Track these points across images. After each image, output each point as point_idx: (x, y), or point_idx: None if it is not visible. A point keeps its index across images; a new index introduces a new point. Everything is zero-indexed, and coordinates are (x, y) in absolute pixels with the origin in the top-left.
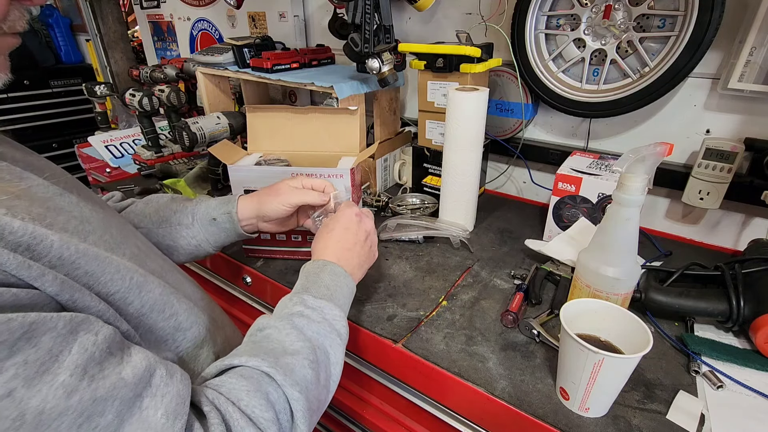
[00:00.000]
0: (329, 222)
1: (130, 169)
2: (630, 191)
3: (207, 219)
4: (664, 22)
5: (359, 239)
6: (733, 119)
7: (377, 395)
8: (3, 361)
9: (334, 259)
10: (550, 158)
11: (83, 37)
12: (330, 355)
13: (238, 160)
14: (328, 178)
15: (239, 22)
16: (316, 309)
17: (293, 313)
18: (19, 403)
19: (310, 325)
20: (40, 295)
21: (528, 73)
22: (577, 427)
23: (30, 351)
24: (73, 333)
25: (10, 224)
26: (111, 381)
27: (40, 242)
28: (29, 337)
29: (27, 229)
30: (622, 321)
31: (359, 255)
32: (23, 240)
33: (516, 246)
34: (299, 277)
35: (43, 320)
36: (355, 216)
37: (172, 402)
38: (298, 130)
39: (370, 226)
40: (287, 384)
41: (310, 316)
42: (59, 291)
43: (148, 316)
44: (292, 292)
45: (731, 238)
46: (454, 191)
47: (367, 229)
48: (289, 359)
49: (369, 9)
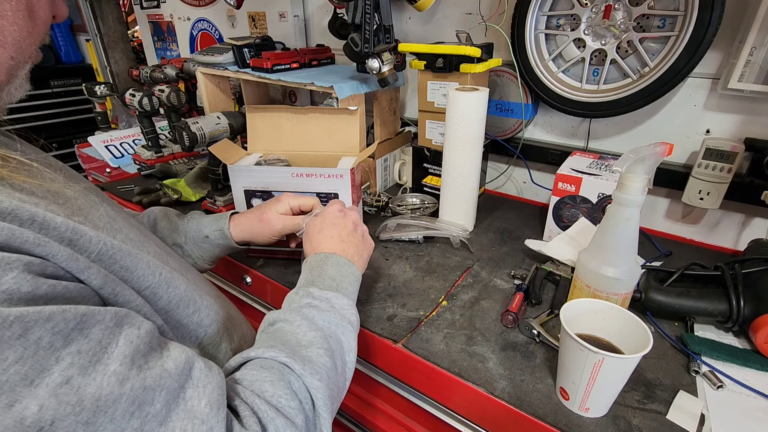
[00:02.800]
0: (315, 222)
1: (130, 169)
2: (630, 191)
3: (200, 237)
4: (664, 22)
5: (348, 230)
6: (733, 119)
7: (377, 395)
8: (59, 350)
9: (332, 251)
10: (550, 158)
11: (83, 37)
12: (343, 343)
13: (239, 159)
14: (328, 178)
15: (239, 22)
16: (324, 300)
17: (302, 305)
18: (78, 389)
19: (320, 315)
20: (86, 289)
21: (528, 73)
22: (577, 427)
23: (83, 341)
24: (119, 326)
25: (53, 220)
26: (156, 372)
27: (81, 237)
28: (81, 327)
29: (68, 225)
30: (622, 321)
31: (355, 245)
32: (66, 236)
33: (516, 246)
34: (302, 272)
35: (92, 313)
36: (338, 211)
37: (213, 392)
38: (298, 130)
39: (355, 217)
40: (306, 373)
41: (319, 306)
42: (102, 284)
43: (175, 311)
44: (298, 286)
45: (731, 238)
46: (454, 191)
47: (354, 220)
48: (305, 350)
49: (369, 9)
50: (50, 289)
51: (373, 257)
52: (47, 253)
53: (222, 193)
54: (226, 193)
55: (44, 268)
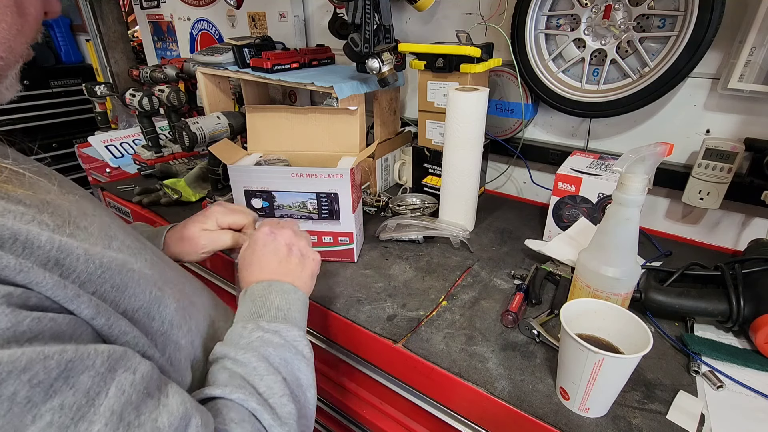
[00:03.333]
0: (247, 250)
1: (130, 169)
2: (630, 191)
3: None
4: (664, 22)
5: (283, 253)
6: (733, 119)
7: (377, 395)
8: (38, 407)
9: (273, 279)
10: (550, 158)
11: (83, 37)
12: (301, 380)
13: (239, 159)
14: (328, 178)
15: (239, 22)
16: (274, 333)
17: (253, 340)
18: None
19: (276, 353)
20: (76, 320)
21: (528, 73)
22: (577, 427)
23: (67, 393)
24: (111, 371)
25: (38, 237)
26: (147, 429)
27: (68, 256)
28: (67, 376)
29: (54, 241)
30: (622, 321)
31: (294, 267)
32: (52, 254)
33: (516, 246)
34: (242, 304)
35: (81, 358)
36: (268, 234)
37: None
38: (298, 130)
39: (287, 236)
40: (276, 425)
41: (272, 341)
42: (95, 314)
43: (170, 332)
44: (243, 319)
45: (731, 238)
46: (454, 191)
47: (287, 241)
48: (270, 398)
49: (369, 9)
50: (34, 323)
51: (373, 257)
52: (30, 281)
53: (222, 193)
54: (226, 193)
55: (27, 298)
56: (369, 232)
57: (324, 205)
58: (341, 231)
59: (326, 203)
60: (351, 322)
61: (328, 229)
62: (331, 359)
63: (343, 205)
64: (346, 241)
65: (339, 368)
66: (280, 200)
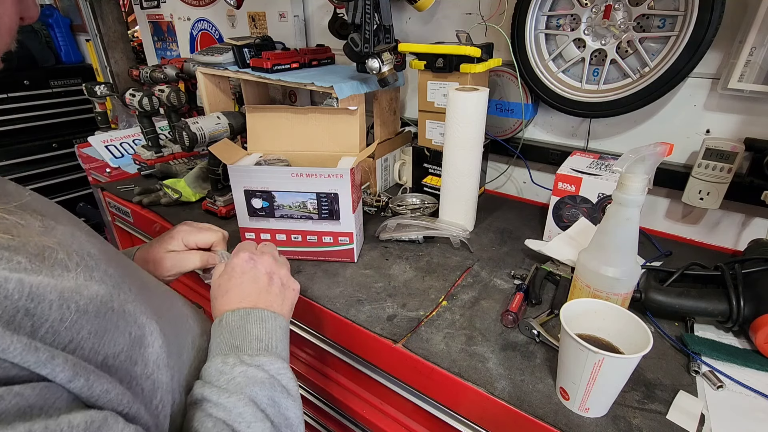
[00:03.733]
0: (223, 276)
1: (130, 169)
2: (630, 191)
3: None
4: (664, 22)
5: (263, 282)
6: (733, 119)
7: (377, 395)
8: None
9: (252, 306)
10: (550, 158)
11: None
12: (291, 419)
13: (238, 160)
14: (328, 178)
15: (239, 22)
16: (257, 367)
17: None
18: None
19: (262, 392)
20: (49, 388)
21: (528, 73)
22: (577, 427)
23: None
24: None
25: (4, 285)
26: None
27: (39, 303)
28: None
29: (24, 288)
30: (622, 321)
31: (274, 301)
32: (20, 304)
33: (516, 246)
34: (217, 334)
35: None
36: (247, 261)
37: None
38: (298, 130)
39: (268, 264)
40: None
41: (256, 377)
42: (72, 376)
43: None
44: (220, 353)
45: (731, 238)
46: (454, 191)
47: (267, 270)
48: None
49: (369, 9)
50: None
51: (373, 257)
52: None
53: (222, 193)
54: (226, 193)
55: None
56: (369, 232)
57: (324, 205)
58: (341, 231)
59: (326, 203)
60: (351, 322)
61: (328, 229)
62: (331, 359)
63: (343, 205)
64: (346, 241)
65: (339, 368)
66: (280, 200)
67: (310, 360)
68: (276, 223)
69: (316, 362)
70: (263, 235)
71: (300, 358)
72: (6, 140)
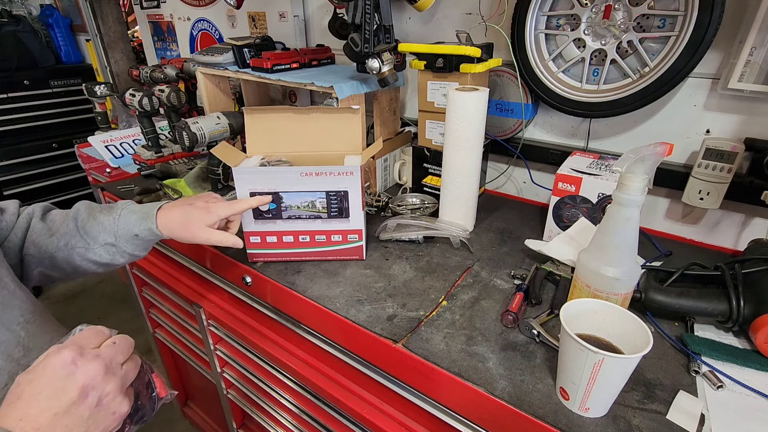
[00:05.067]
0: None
1: (130, 169)
2: (630, 191)
3: (130, 235)
4: (664, 22)
5: (65, 401)
6: (733, 119)
7: (377, 395)
8: None
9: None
10: (550, 158)
11: (83, 37)
12: None
13: (240, 162)
14: (339, 176)
15: (239, 22)
16: None
17: None
18: None
19: None
20: None
21: (528, 73)
22: (577, 427)
23: None
24: None
25: None
26: None
27: None
28: None
29: None
30: (622, 321)
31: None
32: None
33: (516, 246)
34: None
35: None
36: (66, 365)
37: None
38: (297, 131)
39: (90, 377)
40: None
41: None
42: None
43: None
44: None
45: (731, 238)
46: (454, 191)
47: (86, 383)
48: None
49: (369, 9)
50: None
51: (373, 257)
52: None
53: (222, 193)
54: (227, 193)
55: None
56: (369, 232)
57: (333, 204)
58: (351, 229)
59: (336, 201)
60: (351, 322)
61: (337, 228)
62: (331, 359)
63: (353, 203)
64: (355, 239)
65: (339, 368)
66: (288, 201)
67: (310, 360)
68: (283, 225)
69: (316, 362)
70: (269, 238)
71: (300, 358)
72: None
